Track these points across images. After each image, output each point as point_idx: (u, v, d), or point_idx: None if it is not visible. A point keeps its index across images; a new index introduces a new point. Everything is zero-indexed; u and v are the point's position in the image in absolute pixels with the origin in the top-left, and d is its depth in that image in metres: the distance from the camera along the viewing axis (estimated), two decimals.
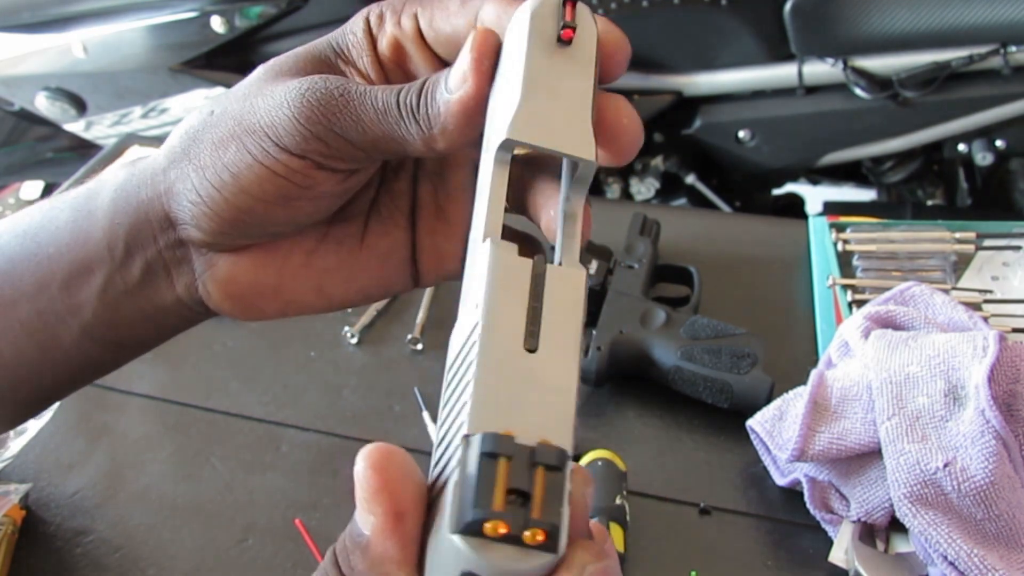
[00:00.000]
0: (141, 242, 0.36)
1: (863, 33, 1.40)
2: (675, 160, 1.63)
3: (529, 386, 0.24)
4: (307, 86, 0.32)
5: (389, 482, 0.24)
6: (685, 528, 0.61)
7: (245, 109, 0.34)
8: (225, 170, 0.33)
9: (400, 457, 0.24)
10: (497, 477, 0.22)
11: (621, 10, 1.45)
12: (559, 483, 0.23)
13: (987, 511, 0.53)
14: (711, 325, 0.70)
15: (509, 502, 0.22)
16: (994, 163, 1.50)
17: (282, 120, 0.32)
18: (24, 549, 0.61)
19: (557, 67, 0.29)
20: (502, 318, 0.25)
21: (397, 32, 0.35)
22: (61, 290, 0.37)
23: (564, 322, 0.26)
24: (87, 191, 0.38)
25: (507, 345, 0.25)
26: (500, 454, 0.23)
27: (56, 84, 1.54)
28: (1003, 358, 0.57)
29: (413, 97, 0.31)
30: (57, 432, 0.70)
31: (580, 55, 0.29)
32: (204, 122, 0.35)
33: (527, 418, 0.24)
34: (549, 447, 0.23)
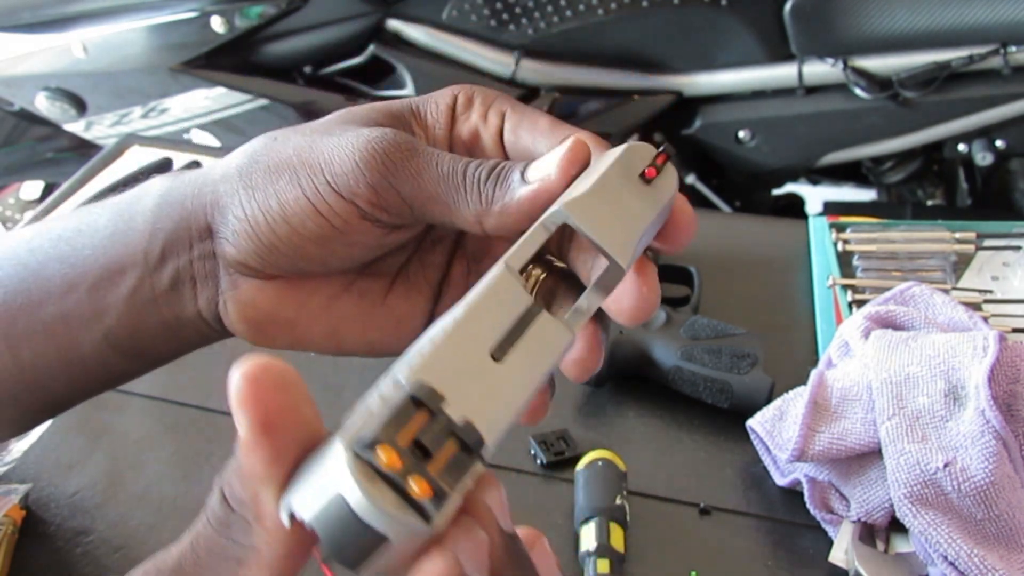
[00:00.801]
0: (177, 248, 0.36)
1: (863, 33, 1.40)
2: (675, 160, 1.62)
3: (480, 378, 0.25)
4: (377, 134, 0.33)
5: (260, 391, 0.23)
6: (685, 528, 0.61)
7: (309, 143, 0.34)
8: (274, 196, 0.34)
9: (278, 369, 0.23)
10: (411, 421, 0.22)
11: (621, 10, 1.45)
12: (464, 463, 0.23)
13: (987, 511, 0.53)
14: (711, 325, 0.70)
15: (411, 451, 0.22)
16: (994, 163, 1.50)
17: (341, 160, 0.33)
18: (24, 549, 0.61)
19: (629, 191, 0.31)
20: (481, 320, 0.26)
21: (480, 124, 0.35)
22: (89, 292, 0.37)
23: (535, 357, 0.26)
24: (130, 196, 0.38)
25: (475, 340, 0.25)
26: (425, 405, 0.23)
27: (56, 84, 1.54)
28: (1003, 358, 0.57)
29: (484, 171, 0.32)
30: (57, 432, 0.70)
31: (653, 195, 0.31)
32: (265, 146, 0.35)
33: (465, 397, 0.24)
34: (472, 429, 0.23)
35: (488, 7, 1.47)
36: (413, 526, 0.22)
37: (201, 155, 0.96)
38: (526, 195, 0.31)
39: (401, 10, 1.49)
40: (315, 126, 0.35)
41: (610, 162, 0.31)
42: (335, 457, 0.22)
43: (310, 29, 1.48)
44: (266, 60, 1.51)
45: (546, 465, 0.64)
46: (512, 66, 1.49)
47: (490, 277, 0.27)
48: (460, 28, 1.48)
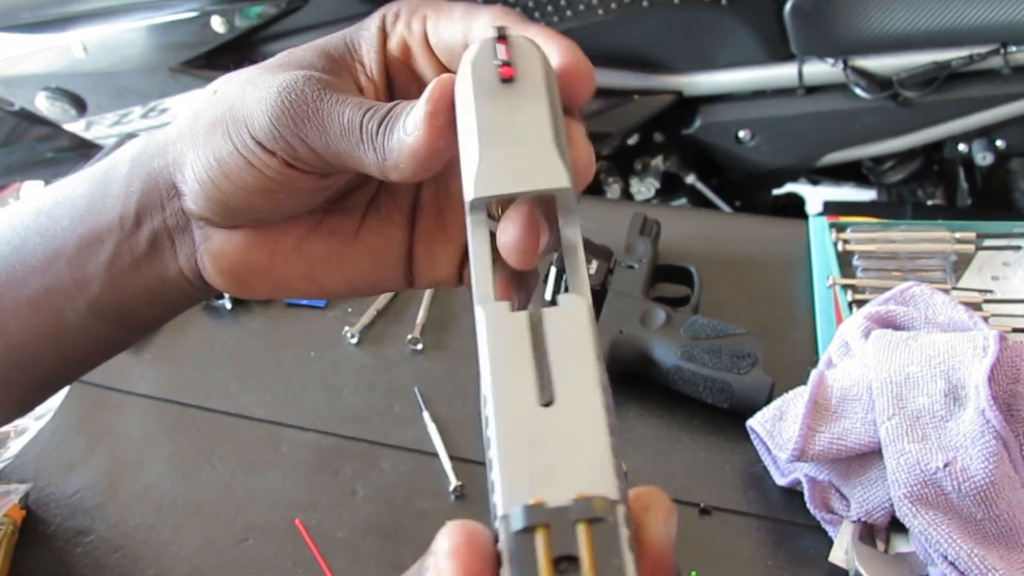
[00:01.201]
0: (150, 210, 0.37)
1: (863, 33, 1.40)
2: (675, 160, 1.63)
3: (552, 443, 0.23)
4: (286, 84, 0.33)
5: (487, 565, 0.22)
6: (685, 528, 0.61)
7: (238, 96, 0.34)
8: (211, 154, 0.34)
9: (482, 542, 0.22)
10: (538, 550, 0.21)
11: (621, 10, 1.45)
12: (608, 533, 0.21)
13: (987, 511, 0.53)
14: (711, 325, 0.70)
15: (560, 571, 0.21)
16: (994, 163, 1.50)
17: (258, 114, 0.33)
18: (24, 549, 0.61)
19: (506, 108, 0.28)
20: (508, 382, 0.24)
21: (405, 33, 0.35)
22: (70, 263, 0.37)
23: (576, 363, 0.24)
24: (106, 164, 0.39)
25: (520, 408, 0.23)
26: (535, 525, 0.21)
27: (56, 84, 1.54)
28: (1003, 358, 0.57)
29: (374, 124, 0.31)
30: (57, 432, 0.70)
31: (528, 87, 0.29)
32: (209, 101, 0.36)
33: (556, 478, 0.22)
34: (586, 499, 0.21)
35: None
36: None
37: None
38: (408, 151, 0.30)
39: None
40: (250, 72, 0.35)
41: (470, 92, 0.29)
42: None
43: (310, 29, 1.48)
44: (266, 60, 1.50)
45: None
46: None
47: (481, 331, 0.25)
48: None
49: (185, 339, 0.79)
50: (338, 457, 0.67)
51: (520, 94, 0.28)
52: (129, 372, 0.75)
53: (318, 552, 0.60)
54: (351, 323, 0.78)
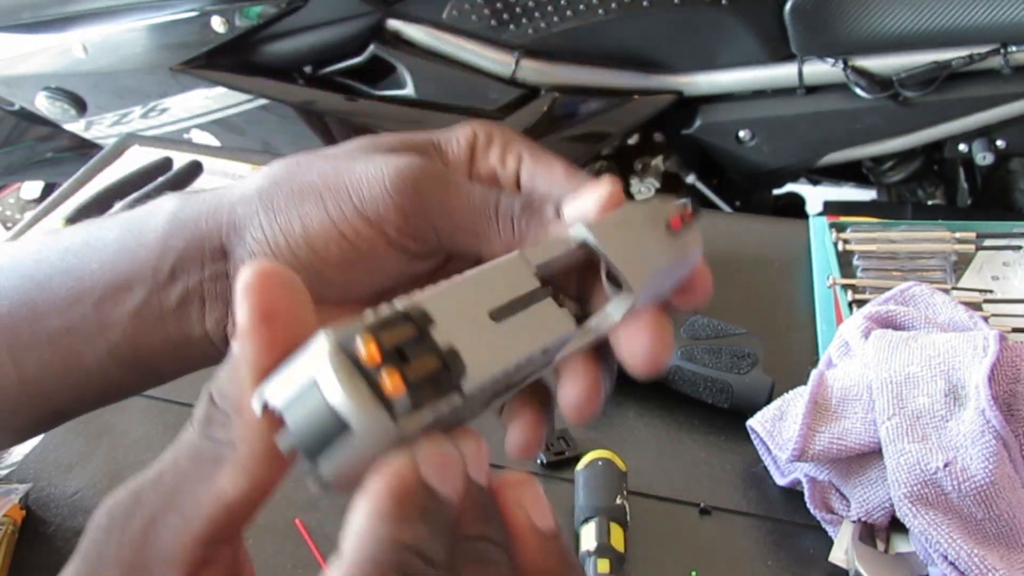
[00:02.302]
0: (188, 267, 0.36)
1: (863, 33, 1.40)
2: (675, 160, 1.63)
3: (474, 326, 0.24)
4: (407, 161, 0.33)
5: (266, 285, 0.23)
6: (685, 528, 0.61)
7: (335, 168, 0.34)
8: (297, 219, 0.34)
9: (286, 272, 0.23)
10: (398, 330, 0.22)
11: (621, 10, 1.45)
12: (442, 384, 0.22)
13: (987, 511, 0.53)
14: (711, 325, 0.70)
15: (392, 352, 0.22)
16: (994, 163, 1.50)
17: (370, 185, 0.32)
18: (24, 549, 0.61)
19: (652, 233, 0.31)
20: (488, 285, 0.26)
21: (498, 166, 0.35)
22: (96, 306, 0.37)
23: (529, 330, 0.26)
24: (142, 212, 0.38)
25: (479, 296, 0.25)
26: (416, 323, 0.22)
27: (56, 84, 1.54)
28: (1003, 358, 0.57)
29: (518, 204, 0.32)
30: (57, 432, 0.69)
31: (675, 244, 0.31)
32: (288, 169, 0.35)
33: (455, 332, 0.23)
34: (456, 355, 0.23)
35: (488, 7, 1.47)
36: (378, 420, 0.21)
37: (201, 155, 0.96)
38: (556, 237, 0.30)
39: (401, 10, 1.49)
40: (338, 152, 0.35)
41: (639, 205, 0.31)
42: (316, 344, 0.21)
43: (310, 29, 1.48)
44: (266, 60, 1.51)
45: (546, 465, 0.64)
46: (512, 66, 1.49)
47: (503, 258, 0.27)
48: (460, 28, 1.48)
49: None
50: None
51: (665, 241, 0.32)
52: None
53: (318, 552, 0.60)
54: None
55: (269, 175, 0.35)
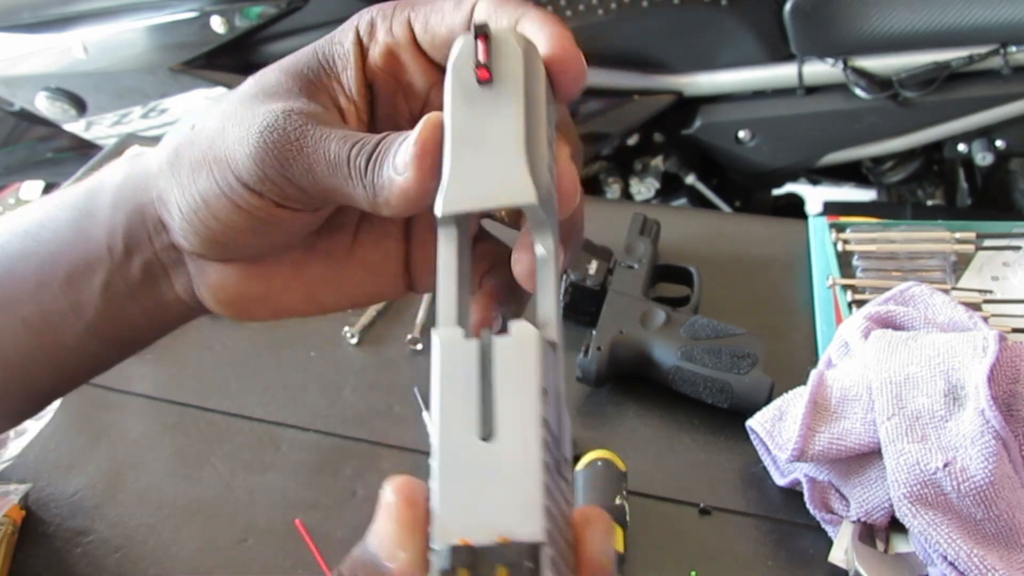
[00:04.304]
0: (138, 242, 0.36)
1: (863, 33, 1.40)
2: (675, 160, 1.63)
3: (486, 479, 0.23)
4: (266, 123, 0.32)
5: (420, 521, 0.23)
6: (685, 528, 0.61)
7: (218, 134, 0.33)
8: (198, 195, 0.33)
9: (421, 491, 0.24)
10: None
11: (621, 10, 1.45)
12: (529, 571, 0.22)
13: (987, 511, 0.53)
14: (711, 325, 0.70)
15: None
16: (994, 163, 1.50)
17: (241, 156, 0.32)
18: (24, 549, 0.61)
19: (481, 112, 0.27)
20: (453, 411, 0.24)
21: (389, 40, 0.34)
22: (63, 288, 0.37)
23: (517, 397, 0.24)
24: (87, 190, 0.38)
25: (460, 439, 0.24)
26: (457, 568, 0.22)
27: (56, 84, 1.54)
28: (1003, 358, 0.57)
29: (363, 160, 0.30)
30: (57, 432, 0.70)
31: (505, 90, 0.27)
32: (187, 138, 0.34)
33: (485, 515, 0.23)
34: (509, 544, 0.22)
35: None
36: None
37: None
38: (399, 191, 0.29)
39: None
40: (228, 107, 0.34)
41: (448, 96, 0.28)
42: None
43: (310, 29, 1.48)
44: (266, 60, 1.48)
45: None
46: None
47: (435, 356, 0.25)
48: None
49: (185, 339, 0.78)
50: (338, 457, 0.67)
51: (495, 98, 0.27)
52: (129, 372, 0.75)
53: (318, 552, 0.60)
54: (351, 323, 0.78)
55: (173, 145, 0.35)
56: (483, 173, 0.26)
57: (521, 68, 0.28)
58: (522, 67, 0.28)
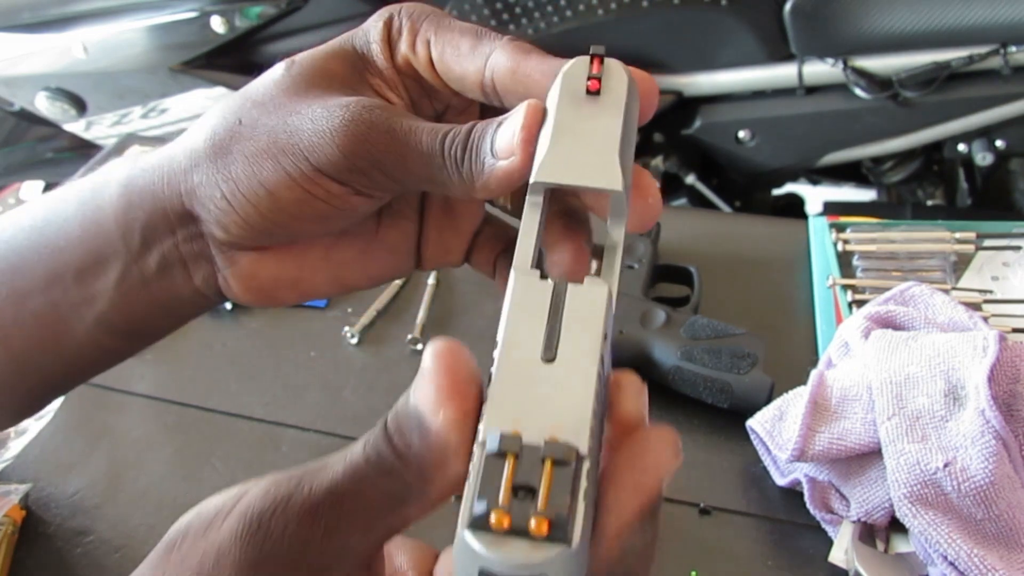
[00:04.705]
0: (158, 235, 0.36)
1: (863, 33, 1.40)
2: (675, 160, 1.63)
3: (543, 390, 0.25)
4: (351, 116, 0.33)
5: (458, 383, 0.25)
6: (685, 528, 0.61)
7: (281, 126, 0.34)
8: (261, 187, 0.34)
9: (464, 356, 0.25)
10: (503, 473, 0.23)
11: (621, 10, 1.45)
12: (567, 476, 0.23)
13: (987, 511, 0.53)
14: (711, 325, 0.70)
15: (517, 498, 0.23)
16: (994, 163, 1.50)
17: (325, 148, 0.33)
18: (24, 549, 0.61)
19: (585, 114, 0.30)
20: (520, 333, 0.26)
21: (410, 56, 0.35)
22: (75, 282, 0.37)
23: (582, 334, 0.26)
24: (92, 185, 0.38)
25: (524, 355, 0.26)
26: (506, 451, 0.23)
27: (56, 84, 1.54)
28: (1003, 358, 0.57)
29: (459, 149, 0.32)
30: (57, 432, 0.70)
31: (609, 101, 0.31)
32: (232, 131, 0.35)
33: (538, 418, 0.24)
34: (557, 443, 0.24)
35: (488, 7, 1.47)
36: (559, 556, 0.23)
37: None
38: (501, 175, 0.31)
39: None
40: (276, 99, 0.34)
41: (556, 97, 0.31)
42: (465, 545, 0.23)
43: (310, 29, 1.48)
44: (266, 60, 1.50)
45: None
46: None
47: (508, 291, 0.27)
48: None
49: (185, 339, 0.79)
50: None
51: (600, 106, 0.31)
52: (129, 372, 0.75)
53: None
54: (351, 323, 0.78)
55: (212, 136, 0.35)
56: (578, 157, 0.29)
57: (625, 89, 0.31)
58: (626, 89, 0.32)
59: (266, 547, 0.26)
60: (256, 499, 0.27)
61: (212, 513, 0.27)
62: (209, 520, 0.27)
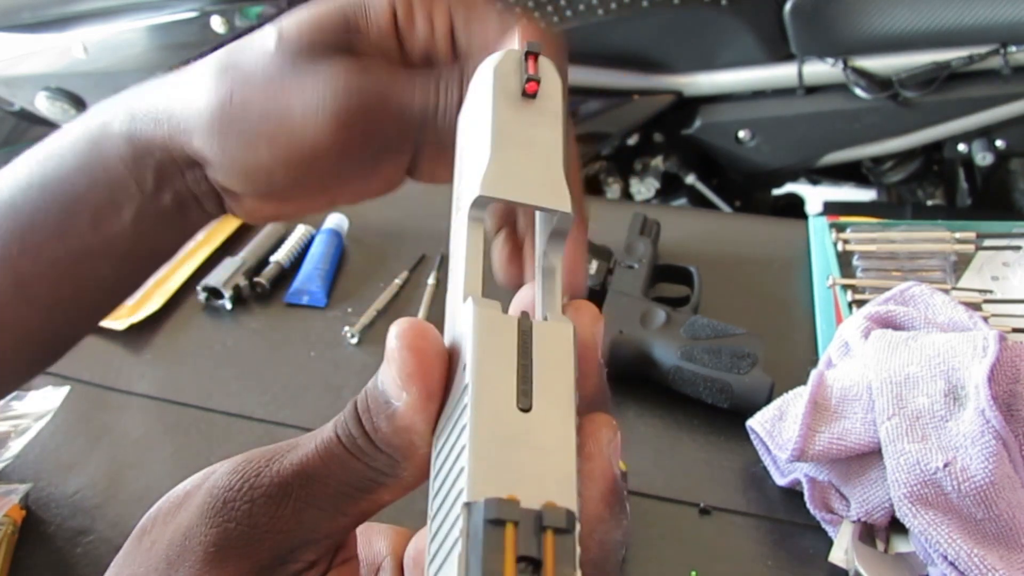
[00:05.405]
0: (170, 177, 0.38)
1: (863, 33, 1.40)
2: (675, 160, 1.63)
3: (527, 447, 0.23)
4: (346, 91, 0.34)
5: (423, 363, 0.24)
6: (685, 528, 0.61)
7: (273, 109, 0.35)
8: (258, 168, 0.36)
9: (431, 336, 0.25)
10: (505, 544, 0.21)
11: (621, 10, 1.45)
12: (570, 546, 0.22)
13: (987, 511, 0.53)
14: (711, 325, 0.69)
15: (519, 571, 0.21)
16: (994, 163, 1.50)
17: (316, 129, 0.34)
18: (24, 549, 0.61)
19: (524, 120, 0.29)
20: (492, 378, 0.24)
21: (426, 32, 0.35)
22: (91, 228, 0.39)
23: (556, 378, 0.25)
24: (86, 136, 0.39)
25: (499, 405, 0.24)
26: (506, 520, 0.21)
27: (56, 84, 1.54)
28: (1003, 358, 0.57)
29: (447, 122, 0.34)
30: (57, 432, 0.70)
31: (546, 107, 0.29)
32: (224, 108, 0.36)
33: (529, 480, 0.23)
34: (555, 509, 0.22)
35: None
36: None
37: None
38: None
39: None
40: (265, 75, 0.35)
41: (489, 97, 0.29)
42: None
43: None
44: None
45: None
46: None
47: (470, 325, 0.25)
48: None
49: (185, 339, 0.79)
50: None
51: (539, 112, 0.29)
52: (129, 372, 0.75)
53: None
54: (351, 323, 0.78)
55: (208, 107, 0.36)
56: (522, 171, 0.28)
57: (560, 94, 0.30)
58: (561, 93, 0.30)
59: (231, 525, 0.25)
60: (223, 476, 0.26)
61: (182, 494, 0.27)
62: (179, 501, 0.27)
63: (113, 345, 0.78)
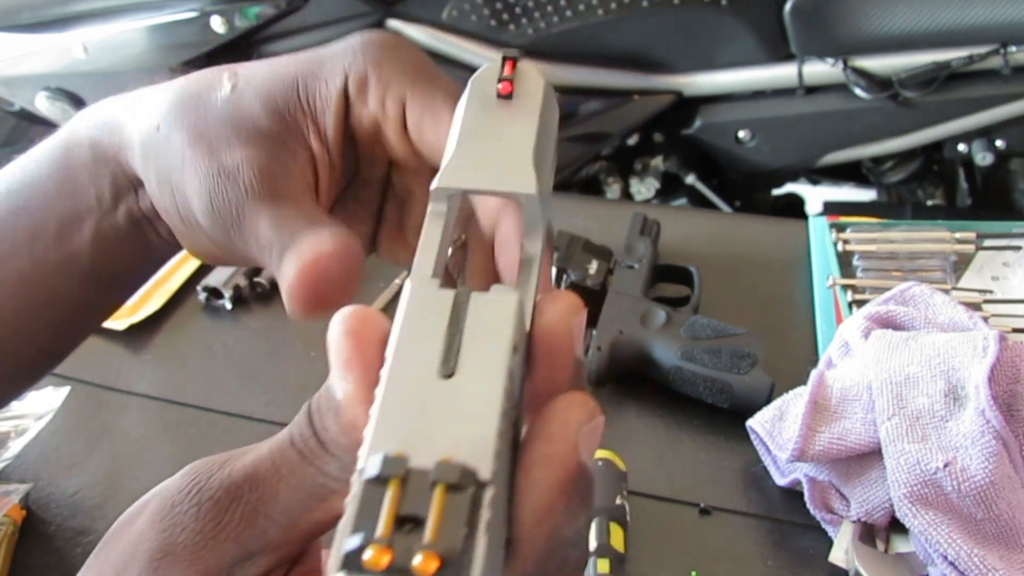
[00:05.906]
0: (124, 193, 0.38)
1: (863, 33, 1.40)
2: (675, 160, 1.63)
3: (438, 409, 0.21)
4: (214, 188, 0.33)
5: (363, 350, 0.23)
6: (685, 528, 0.61)
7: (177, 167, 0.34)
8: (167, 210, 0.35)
9: (375, 322, 0.23)
10: (383, 501, 0.19)
11: (621, 10, 1.45)
12: (462, 504, 0.19)
13: (987, 511, 0.53)
14: (711, 325, 0.70)
15: (401, 531, 0.19)
16: (994, 163, 1.50)
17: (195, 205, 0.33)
18: (24, 549, 0.61)
19: (496, 118, 0.28)
20: (414, 347, 0.22)
21: (378, 114, 0.34)
22: (55, 240, 0.38)
23: (488, 347, 0.22)
24: (63, 143, 0.39)
25: (417, 371, 0.22)
26: (388, 477, 0.20)
27: (56, 84, 1.54)
28: (1003, 358, 0.57)
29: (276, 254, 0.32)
30: (57, 432, 0.70)
31: (524, 105, 0.29)
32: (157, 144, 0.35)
33: (430, 439, 0.21)
34: (451, 465, 0.20)
35: (488, 7, 1.47)
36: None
37: None
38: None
39: (401, 10, 1.49)
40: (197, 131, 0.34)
41: (463, 103, 0.29)
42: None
43: (310, 29, 1.48)
44: None
45: None
46: None
47: (402, 302, 0.24)
48: (460, 28, 1.48)
49: (185, 339, 0.79)
50: None
51: (513, 110, 0.29)
52: (129, 372, 0.75)
53: None
54: None
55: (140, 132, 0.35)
56: (486, 161, 0.27)
57: (540, 94, 0.29)
58: (542, 94, 0.29)
59: (176, 531, 0.24)
60: (175, 479, 0.25)
61: (144, 501, 0.26)
62: (140, 509, 0.26)
63: (113, 345, 0.78)
